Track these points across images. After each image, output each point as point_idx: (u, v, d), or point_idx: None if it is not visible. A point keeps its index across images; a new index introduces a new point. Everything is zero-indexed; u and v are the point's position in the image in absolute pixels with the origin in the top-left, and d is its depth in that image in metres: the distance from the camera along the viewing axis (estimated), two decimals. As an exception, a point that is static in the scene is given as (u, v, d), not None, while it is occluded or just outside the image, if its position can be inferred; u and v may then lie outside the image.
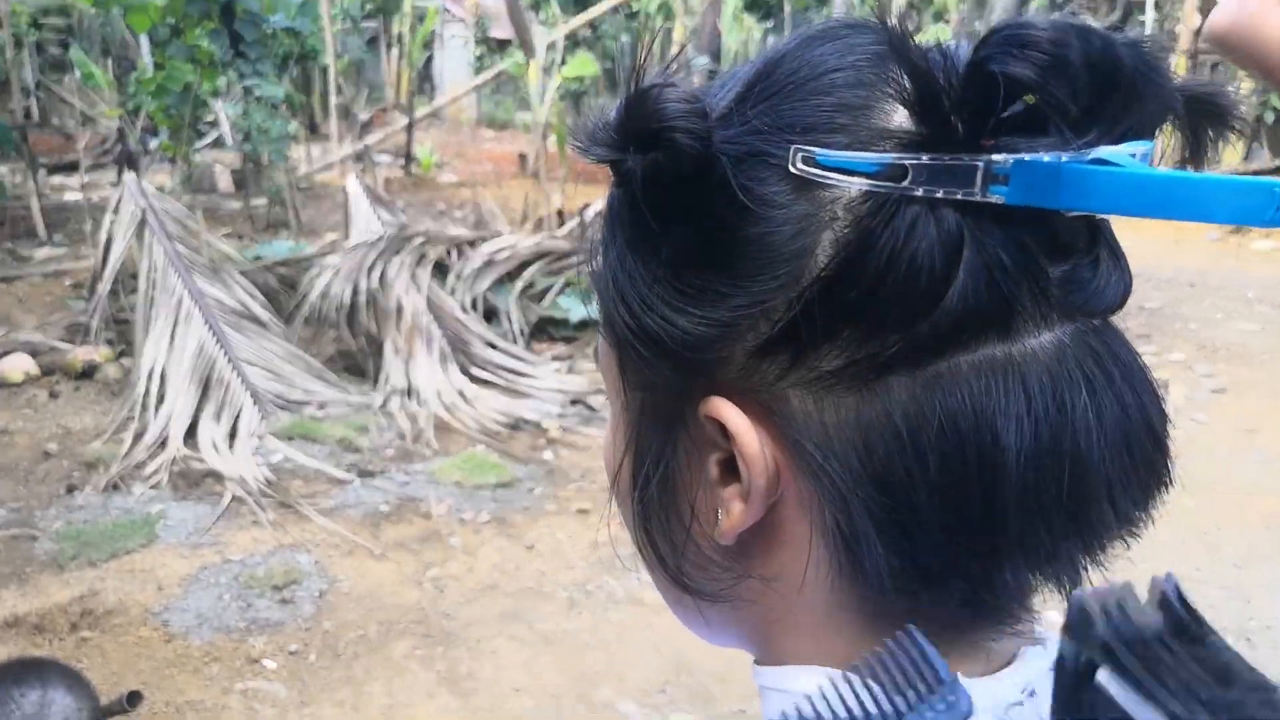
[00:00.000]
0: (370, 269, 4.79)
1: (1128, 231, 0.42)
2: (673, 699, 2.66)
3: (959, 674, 0.40)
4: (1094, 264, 0.39)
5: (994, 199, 0.35)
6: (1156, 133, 0.41)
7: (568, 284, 5.75)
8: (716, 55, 7.58)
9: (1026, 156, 0.35)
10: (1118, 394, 0.39)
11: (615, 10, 14.92)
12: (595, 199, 8.92)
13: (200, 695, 2.63)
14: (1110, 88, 0.36)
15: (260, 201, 8.01)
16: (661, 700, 2.65)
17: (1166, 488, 0.42)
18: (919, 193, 0.35)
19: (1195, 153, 0.43)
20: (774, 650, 0.45)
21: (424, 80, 18.28)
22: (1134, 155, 0.37)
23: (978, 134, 0.36)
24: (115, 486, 3.69)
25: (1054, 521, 0.38)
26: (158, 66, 8.34)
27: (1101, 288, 0.39)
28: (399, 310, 4.73)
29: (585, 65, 8.16)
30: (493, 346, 4.97)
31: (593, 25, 15.44)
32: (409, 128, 10.67)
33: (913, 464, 0.37)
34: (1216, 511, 3.66)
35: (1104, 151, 0.36)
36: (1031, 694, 0.42)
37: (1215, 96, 0.40)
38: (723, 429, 0.40)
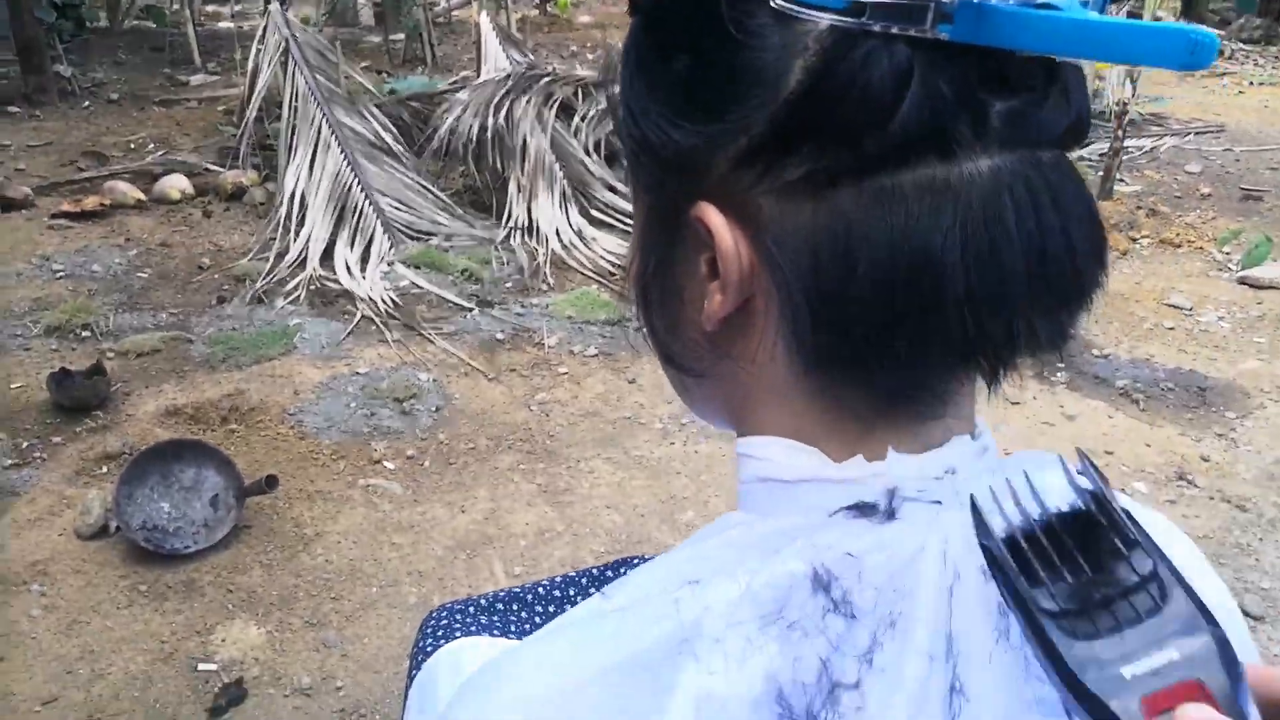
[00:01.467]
0: (497, 107, 4.89)
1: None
2: (751, 527, 2.83)
3: (889, 447, 0.49)
4: (1041, 100, 0.43)
5: (941, 36, 0.40)
6: None
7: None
8: None
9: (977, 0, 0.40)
10: (1045, 218, 0.43)
11: None
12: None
13: (328, 486, 2.95)
14: None
15: (399, 36, 8.14)
16: (741, 527, 2.83)
17: (1086, 308, 0.47)
18: (876, 28, 0.40)
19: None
20: (746, 423, 0.53)
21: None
22: (1085, 3, 0.42)
23: None
24: (260, 300, 4.03)
25: (974, 322, 0.43)
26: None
27: (1045, 123, 0.43)
28: (524, 148, 4.84)
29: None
30: (612, 190, 5.06)
31: None
32: (546, -35, 10.49)
33: (852, 262, 0.43)
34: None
35: None
36: (952, 472, 0.49)
37: None
38: (707, 230, 0.46)
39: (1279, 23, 10.81)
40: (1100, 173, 5.47)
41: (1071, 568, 0.39)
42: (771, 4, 0.42)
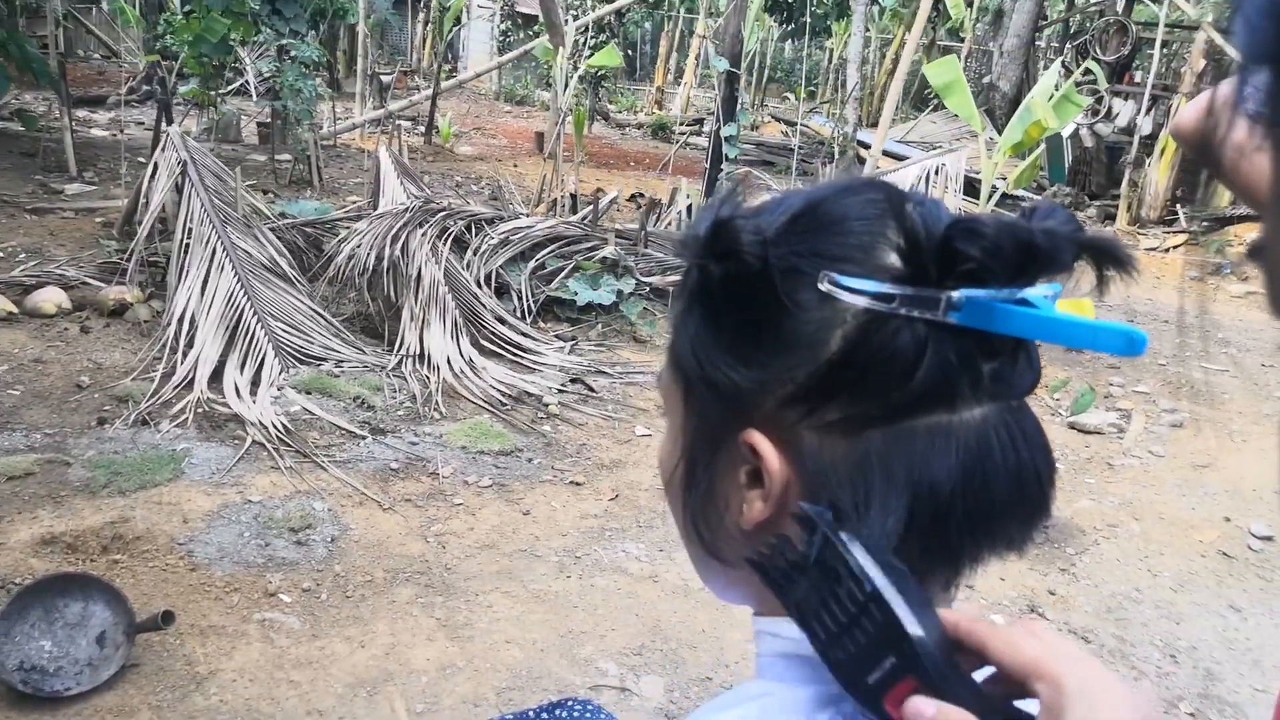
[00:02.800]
0: (394, 238, 5.02)
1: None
2: (647, 661, 2.93)
3: None
4: (1014, 364, 0.57)
5: (951, 321, 0.54)
6: (1067, 277, 0.64)
7: (576, 268, 5.98)
8: (737, 60, 7.76)
9: (976, 294, 0.54)
10: (1019, 452, 0.57)
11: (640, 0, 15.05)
12: (608, 185, 9.12)
13: (222, 621, 2.89)
14: (1028, 259, 0.55)
15: (285, 157, 8.19)
16: (637, 662, 2.92)
17: (1046, 518, 0.62)
18: (902, 311, 0.54)
19: (1099, 285, 0.63)
20: (768, 605, 0.63)
21: (447, 48, 18.40)
22: (1047, 296, 0.57)
23: (943, 277, 0.54)
24: (144, 422, 3.93)
25: (969, 536, 0.58)
26: (188, 13, 8.49)
27: (1018, 380, 0.58)
28: (419, 278, 4.96)
29: (610, 56, 8.37)
30: (502, 321, 5.21)
31: (620, 14, 15.60)
32: (433, 97, 10.81)
33: (875, 488, 0.56)
34: (1161, 538, 3.95)
35: (1028, 292, 0.55)
36: None
37: (1111, 248, 0.57)
38: (754, 451, 0.58)
39: (1085, 193, 12.06)
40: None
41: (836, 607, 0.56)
42: (820, 287, 0.56)
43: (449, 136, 11.40)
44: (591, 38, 13.03)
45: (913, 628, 0.52)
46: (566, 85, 7.91)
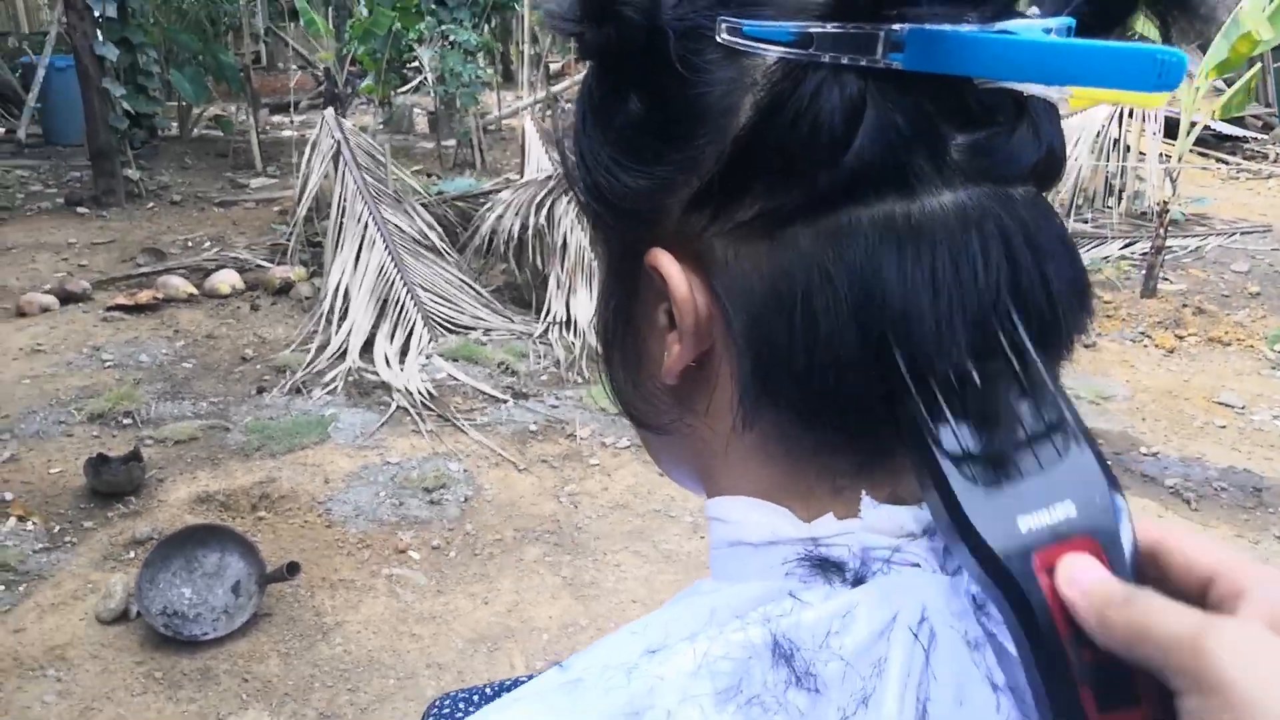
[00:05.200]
0: (539, 206, 5.00)
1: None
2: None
3: (872, 499, 0.46)
4: (1008, 134, 0.41)
5: (893, 65, 0.38)
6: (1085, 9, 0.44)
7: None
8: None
9: (929, 26, 0.38)
10: (1018, 255, 0.40)
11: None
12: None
13: (352, 575, 2.92)
14: None
15: (450, 142, 8.43)
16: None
17: (1066, 352, 0.44)
18: (825, 59, 0.38)
19: (1164, 37, 0.44)
20: (714, 484, 0.49)
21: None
22: (1050, 30, 0.39)
23: (881, 4, 0.38)
24: (298, 390, 4.08)
25: (950, 368, 0.40)
26: (369, 14, 8.89)
27: (1012, 156, 0.41)
28: (564, 246, 4.92)
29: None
30: (651, 286, 5.10)
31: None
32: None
33: (809, 306, 0.40)
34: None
35: (1014, 24, 0.38)
36: (932, 532, 0.44)
37: None
38: (661, 277, 0.44)
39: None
40: (1143, 271, 5.40)
41: (980, 409, 0.38)
42: (718, 39, 0.41)
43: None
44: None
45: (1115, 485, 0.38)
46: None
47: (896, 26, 0.38)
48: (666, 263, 0.44)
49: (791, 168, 0.40)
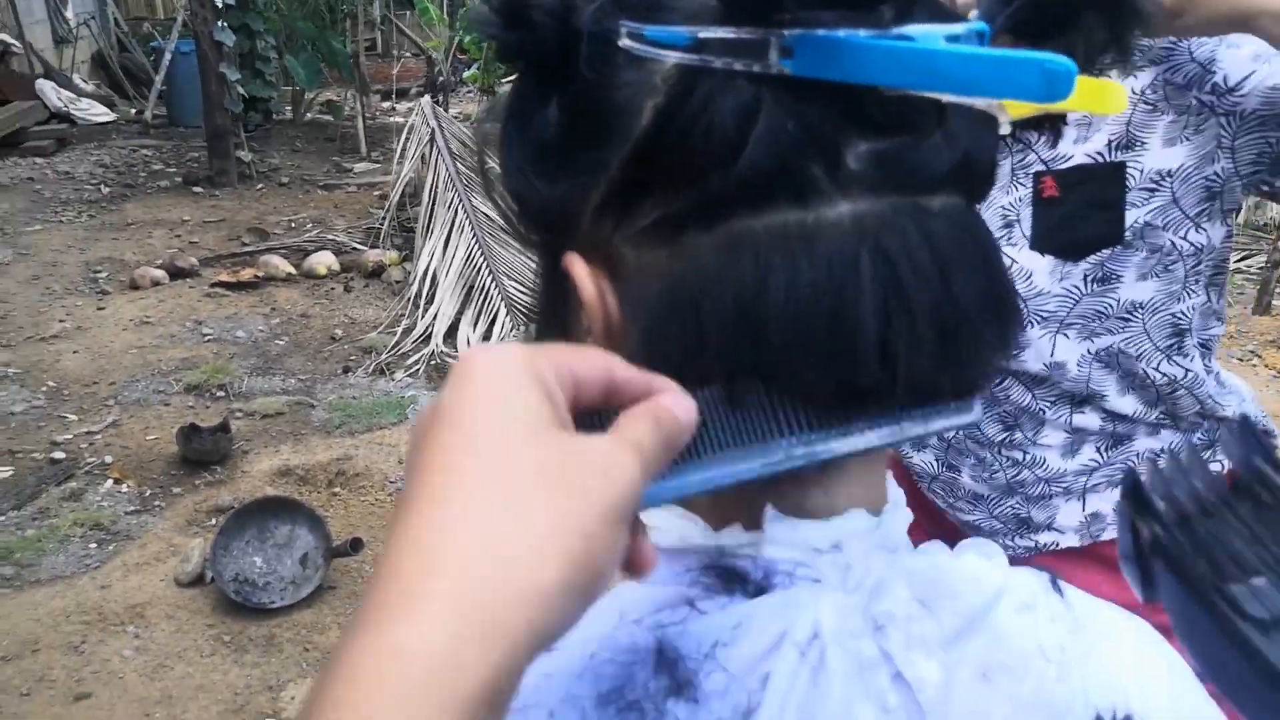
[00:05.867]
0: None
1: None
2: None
3: (776, 511, 0.46)
4: (916, 142, 0.40)
5: (784, 71, 0.38)
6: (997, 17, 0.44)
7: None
8: None
9: (818, 31, 0.37)
10: (918, 269, 0.39)
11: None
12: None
13: (415, 554, 3.00)
14: None
15: (550, 132, 8.51)
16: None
17: (981, 364, 0.43)
18: (718, 64, 0.39)
19: (1117, 45, 0.44)
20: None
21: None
22: (958, 37, 0.39)
23: (769, 9, 0.38)
24: (381, 371, 4.20)
25: (822, 382, 0.40)
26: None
27: (921, 164, 0.40)
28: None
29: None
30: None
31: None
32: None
33: (702, 312, 0.40)
34: None
35: (915, 29, 0.38)
36: (838, 548, 0.45)
37: None
38: (573, 282, 0.45)
39: None
40: (1257, 286, 5.12)
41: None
42: (619, 44, 0.41)
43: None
44: None
45: None
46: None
47: (787, 32, 0.37)
48: (578, 268, 0.44)
49: (686, 174, 0.40)
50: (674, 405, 0.38)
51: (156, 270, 5.03)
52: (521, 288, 4.77)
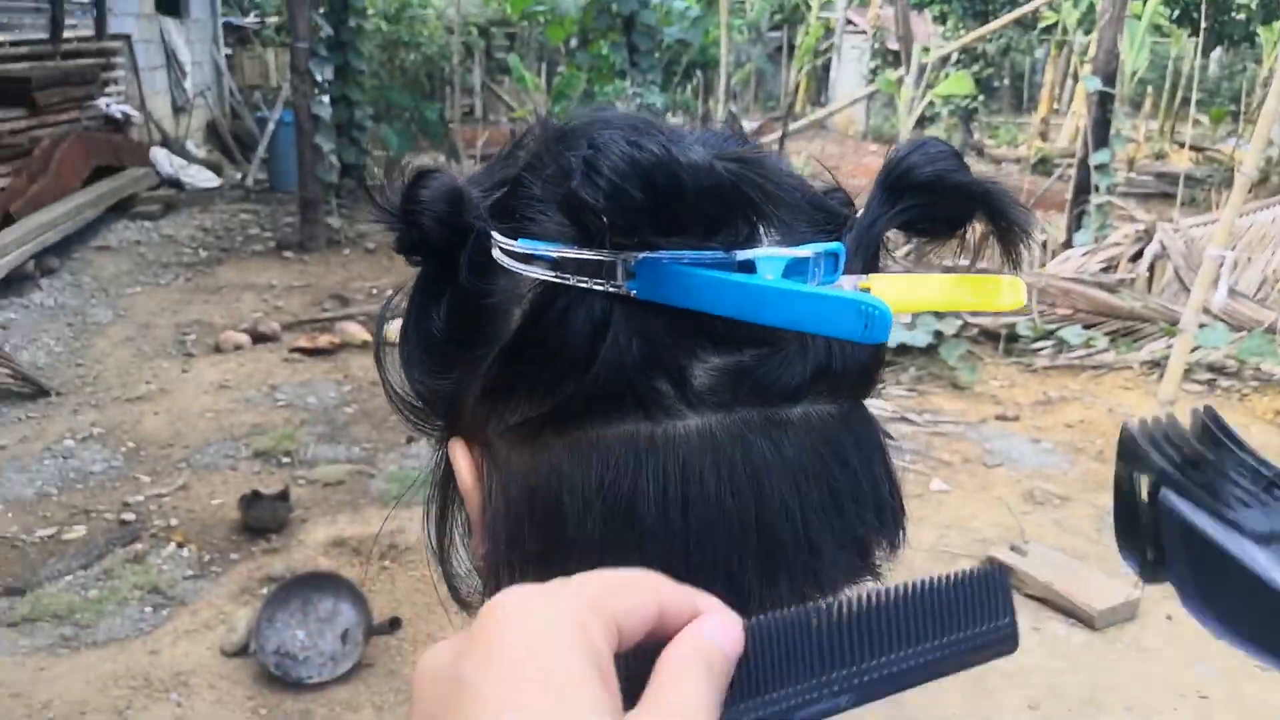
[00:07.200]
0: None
1: None
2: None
3: None
4: (768, 356, 0.41)
5: (630, 292, 0.39)
6: (840, 237, 0.44)
7: (894, 305, 5.65)
8: (1111, 79, 6.95)
9: (665, 257, 0.39)
10: (760, 482, 0.40)
11: (1019, 24, 14.07)
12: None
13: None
14: (738, 203, 0.39)
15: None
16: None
17: (818, 586, 0.42)
18: (571, 282, 0.40)
19: (1005, 250, 0.45)
20: None
21: (820, 91, 18.50)
22: (812, 259, 0.41)
23: (617, 232, 0.38)
24: (443, 442, 4.28)
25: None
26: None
27: (770, 378, 0.41)
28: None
29: (961, 84, 7.83)
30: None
31: (1006, 44, 14.55)
32: (782, 137, 10.91)
33: (560, 513, 0.41)
34: None
35: (760, 253, 0.40)
36: None
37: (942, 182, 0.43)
38: (452, 467, 0.46)
39: None
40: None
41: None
42: (493, 254, 0.43)
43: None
44: (958, 67, 12.39)
45: None
46: (911, 115, 7.56)
47: (633, 256, 0.39)
48: (458, 454, 0.46)
49: (545, 380, 0.41)
50: (717, 633, 0.32)
51: (240, 334, 5.25)
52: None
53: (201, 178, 8.75)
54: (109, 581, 3.23)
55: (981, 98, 16.59)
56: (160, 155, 8.52)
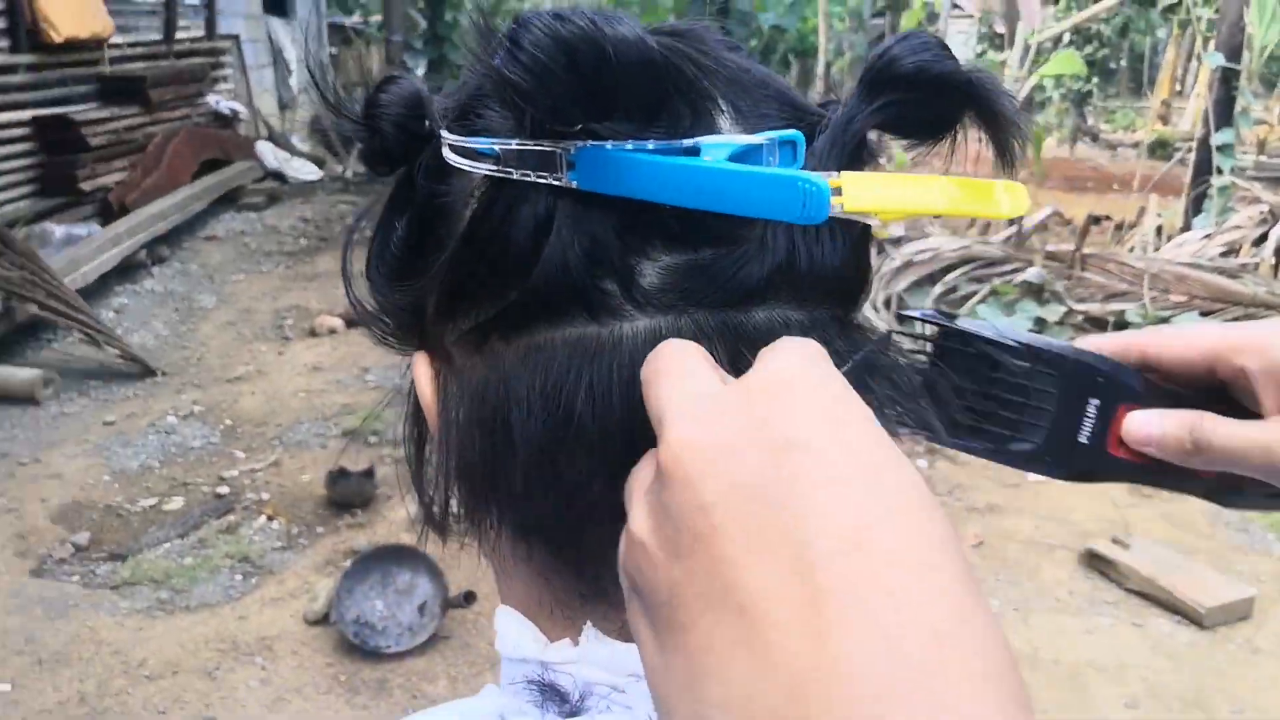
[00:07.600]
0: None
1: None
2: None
3: (596, 630, 0.43)
4: (723, 254, 0.38)
5: (571, 184, 0.37)
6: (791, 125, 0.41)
7: (993, 292, 5.45)
8: (1236, 54, 6.57)
9: (608, 145, 0.37)
10: None
11: (1138, 1, 13.45)
12: (1070, 206, 8.23)
13: (530, 610, 3.03)
14: (674, 82, 0.38)
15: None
16: None
17: None
18: (515, 176, 0.38)
19: (998, 152, 0.42)
20: (502, 593, 0.50)
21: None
22: (766, 146, 0.38)
23: (555, 120, 0.37)
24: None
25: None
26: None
27: (725, 277, 0.38)
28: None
29: (1069, 64, 7.48)
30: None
31: (1124, 24, 13.97)
32: (876, 122, 10.71)
33: (506, 423, 0.40)
34: None
35: (709, 140, 0.37)
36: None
37: (934, 75, 0.39)
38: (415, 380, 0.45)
39: None
40: None
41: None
42: (445, 157, 0.41)
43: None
44: (1070, 48, 11.90)
45: (1091, 358, 0.47)
46: (1022, 101, 7.30)
47: (572, 144, 0.37)
48: (420, 369, 0.45)
49: (490, 283, 0.40)
50: None
51: (334, 319, 5.38)
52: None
53: (304, 170, 9.03)
54: (203, 550, 3.34)
55: (1096, 80, 15.93)
56: (265, 149, 8.82)
